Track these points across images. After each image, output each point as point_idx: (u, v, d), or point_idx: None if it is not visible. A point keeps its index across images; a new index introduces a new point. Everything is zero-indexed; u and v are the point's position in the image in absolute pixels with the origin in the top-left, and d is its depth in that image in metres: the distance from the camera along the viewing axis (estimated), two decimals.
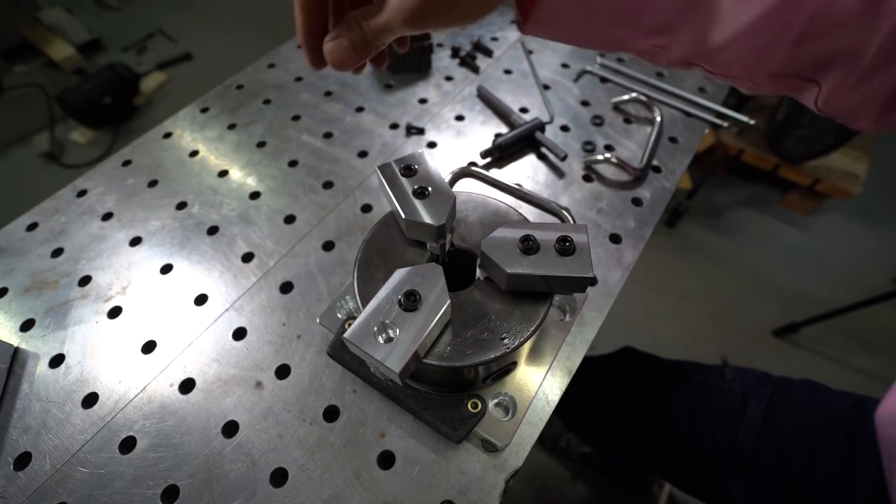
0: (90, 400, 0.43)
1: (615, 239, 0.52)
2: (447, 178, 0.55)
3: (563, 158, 0.58)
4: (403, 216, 0.34)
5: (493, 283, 0.35)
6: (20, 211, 0.57)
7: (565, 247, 0.32)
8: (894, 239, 1.68)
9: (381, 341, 0.28)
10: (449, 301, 0.30)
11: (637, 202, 0.56)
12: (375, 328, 0.29)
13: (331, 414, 0.41)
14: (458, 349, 0.31)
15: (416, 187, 0.35)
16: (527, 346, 0.36)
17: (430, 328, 0.29)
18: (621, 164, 0.57)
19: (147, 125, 1.87)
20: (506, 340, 0.32)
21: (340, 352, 0.40)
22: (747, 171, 1.75)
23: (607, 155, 0.58)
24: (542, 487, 1.18)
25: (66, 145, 1.92)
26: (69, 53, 2.09)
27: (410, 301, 0.30)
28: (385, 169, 0.36)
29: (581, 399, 0.81)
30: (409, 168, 0.36)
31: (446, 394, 0.37)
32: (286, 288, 0.49)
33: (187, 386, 0.43)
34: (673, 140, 0.62)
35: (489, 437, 0.37)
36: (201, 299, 0.49)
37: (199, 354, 0.45)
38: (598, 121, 0.65)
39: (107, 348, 0.46)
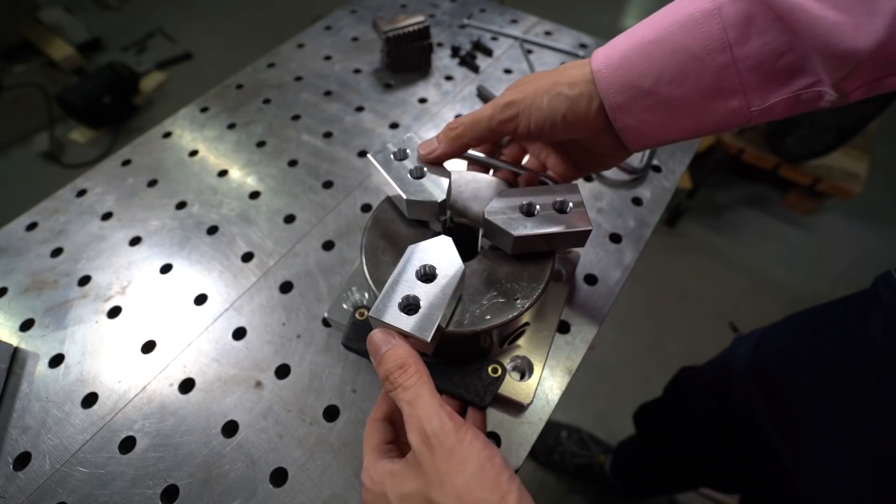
0: (90, 400, 0.43)
1: (615, 239, 0.52)
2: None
3: None
4: (405, 197, 0.35)
5: (497, 251, 0.36)
6: (20, 210, 0.57)
7: (563, 205, 0.34)
8: (894, 239, 1.68)
9: (406, 314, 0.29)
10: (463, 267, 0.31)
11: (637, 202, 0.56)
12: (399, 301, 0.29)
13: (331, 414, 0.41)
14: (476, 315, 0.33)
15: (412, 168, 0.36)
16: (534, 308, 0.38)
17: (450, 295, 0.30)
18: (621, 164, 0.57)
19: (147, 125, 1.87)
20: (519, 301, 0.34)
21: (356, 341, 0.40)
22: (747, 171, 1.75)
23: None
24: (536, 502, 1.18)
25: (66, 145, 1.92)
26: (69, 53, 2.09)
27: (428, 272, 0.31)
28: (378, 155, 0.37)
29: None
30: (402, 152, 0.37)
31: (462, 365, 0.38)
32: (286, 288, 0.49)
33: (187, 386, 0.43)
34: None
35: (513, 397, 0.38)
36: (201, 299, 0.49)
37: (198, 354, 0.45)
38: None
39: (106, 348, 0.46)
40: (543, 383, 0.41)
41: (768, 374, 0.56)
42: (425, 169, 0.36)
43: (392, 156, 0.37)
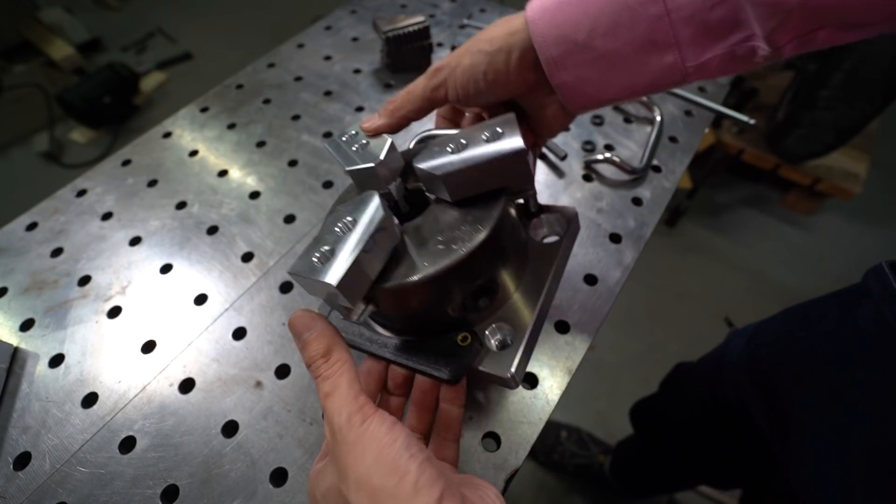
0: (90, 400, 0.43)
1: (615, 239, 0.52)
2: (411, 143, 0.52)
3: (563, 158, 0.58)
4: (345, 168, 0.35)
5: (442, 202, 0.35)
6: (20, 210, 0.57)
7: (494, 134, 0.32)
8: (894, 239, 1.68)
9: (321, 264, 0.28)
10: (384, 213, 0.30)
11: (637, 202, 0.56)
12: (315, 256, 0.28)
13: None
14: (411, 268, 0.31)
15: (356, 146, 0.36)
16: (512, 274, 0.36)
17: (365, 239, 0.29)
18: (621, 164, 0.57)
19: (147, 125, 1.87)
20: (458, 246, 0.31)
21: (337, 326, 0.39)
22: (747, 171, 1.75)
23: (607, 154, 0.58)
24: (536, 502, 1.17)
25: (66, 145, 1.92)
26: (69, 53, 2.09)
27: (347, 223, 0.30)
28: (331, 141, 0.37)
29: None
30: (352, 136, 0.37)
31: (431, 339, 0.36)
32: (286, 287, 0.49)
33: (187, 386, 0.43)
34: (673, 139, 0.62)
35: (490, 370, 0.33)
36: (201, 299, 0.49)
37: (198, 354, 0.45)
38: (597, 120, 0.65)
39: (106, 348, 0.46)
40: (543, 383, 0.41)
41: (760, 367, 0.56)
42: (365, 141, 0.36)
43: (342, 140, 0.37)
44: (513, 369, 0.33)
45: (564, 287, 0.47)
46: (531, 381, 0.42)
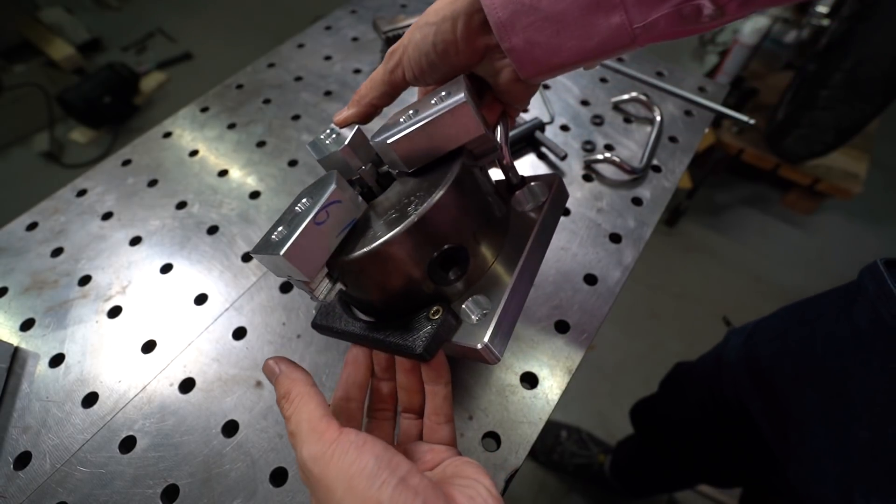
0: (90, 399, 0.43)
1: (615, 239, 0.52)
2: None
3: (563, 158, 0.58)
4: (317, 158, 0.36)
5: (404, 175, 0.35)
6: (20, 210, 0.57)
7: (441, 97, 0.32)
8: (894, 239, 1.68)
9: (277, 240, 0.29)
10: (336, 185, 0.30)
11: (637, 202, 0.56)
12: (273, 235, 0.29)
13: None
14: (368, 238, 0.31)
15: (328, 140, 0.37)
16: (489, 246, 0.35)
17: (312, 214, 0.29)
18: (621, 164, 0.57)
19: (147, 125, 1.87)
20: (412, 209, 0.31)
21: (325, 317, 0.39)
22: (747, 171, 1.75)
23: (607, 154, 0.58)
24: (536, 502, 1.18)
25: (66, 145, 1.92)
26: (69, 53, 2.09)
27: (305, 203, 0.30)
28: (310, 142, 0.38)
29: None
30: (328, 132, 0.38)
31: (406, 317, 0.34)
32: (286, 287, 0.49)
33: (187, 385, 0.43)
34: (673, 139, 0.62)
35: (464, 342, 0.31)
36: (201, 299, 0.49)
37: (198, 354, 0.45)
38: (597, 120, 0.65)
39: (107, 348, 0.46)
40: (543, 383, 0.41)
41: (759, 365, 0.56)
42: (335, 135, 0.37)
43: (320, 139, 0.38)
44: (485, 339, 0.30)
45: (565, 287, 0.47)
46: (531, 381, 0.42)
